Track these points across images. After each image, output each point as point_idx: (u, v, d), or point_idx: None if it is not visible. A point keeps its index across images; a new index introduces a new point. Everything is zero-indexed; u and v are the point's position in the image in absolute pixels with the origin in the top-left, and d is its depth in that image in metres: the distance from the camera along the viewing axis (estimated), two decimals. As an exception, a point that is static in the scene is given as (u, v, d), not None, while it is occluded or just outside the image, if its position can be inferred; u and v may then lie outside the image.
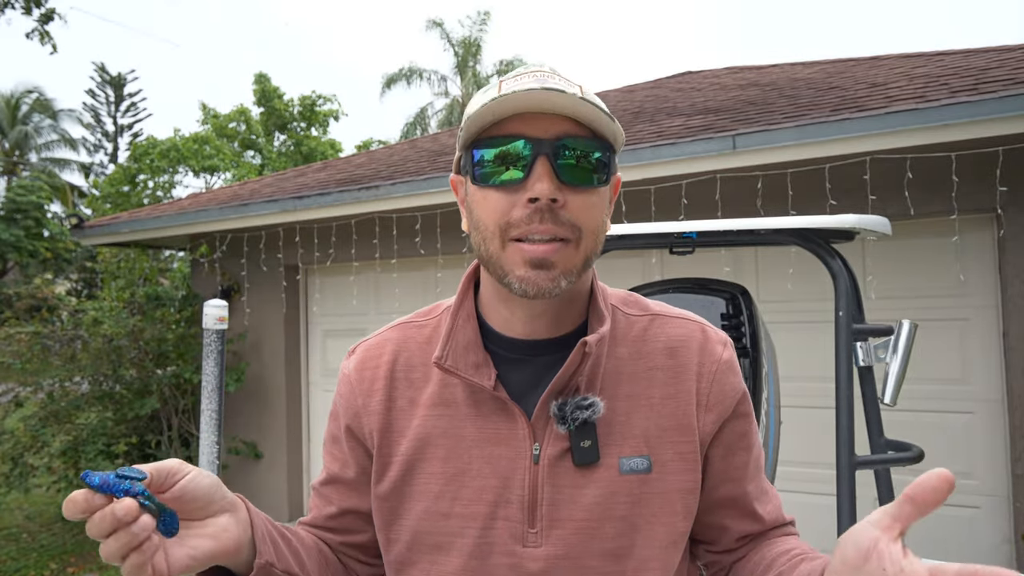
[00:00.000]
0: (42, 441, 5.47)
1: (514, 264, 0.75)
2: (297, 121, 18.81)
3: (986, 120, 3.19)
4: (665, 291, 2.28)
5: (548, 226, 0.74)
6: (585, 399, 0.79)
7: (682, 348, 0.86)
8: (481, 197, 0.78)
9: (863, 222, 2.04)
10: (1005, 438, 3.66)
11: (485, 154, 0.76)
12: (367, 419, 0.87)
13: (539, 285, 0.75)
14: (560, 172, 0.74)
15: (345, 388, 0.91)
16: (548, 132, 0.75)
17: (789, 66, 6.44)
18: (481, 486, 0.81)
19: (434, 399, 0.85)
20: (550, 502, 0.80)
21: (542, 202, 0.73)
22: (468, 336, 0.84)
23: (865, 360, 2.09)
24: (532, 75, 0.78)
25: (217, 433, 2.54)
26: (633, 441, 0.82)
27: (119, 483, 0.61)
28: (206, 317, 2.54)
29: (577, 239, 0.76)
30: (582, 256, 0.77)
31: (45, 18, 8.37)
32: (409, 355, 0.89)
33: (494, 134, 0.76)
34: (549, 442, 0.81)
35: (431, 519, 0.82)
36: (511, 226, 0.75)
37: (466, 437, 0.83)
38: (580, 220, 0.75)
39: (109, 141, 29.35)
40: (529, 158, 0.74)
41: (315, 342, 6.10)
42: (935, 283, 3.83)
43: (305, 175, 6.85)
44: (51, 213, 18.24)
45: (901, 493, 0.57)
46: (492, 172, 0.76)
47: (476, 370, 0.82)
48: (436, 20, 20.19)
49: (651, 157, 3.92)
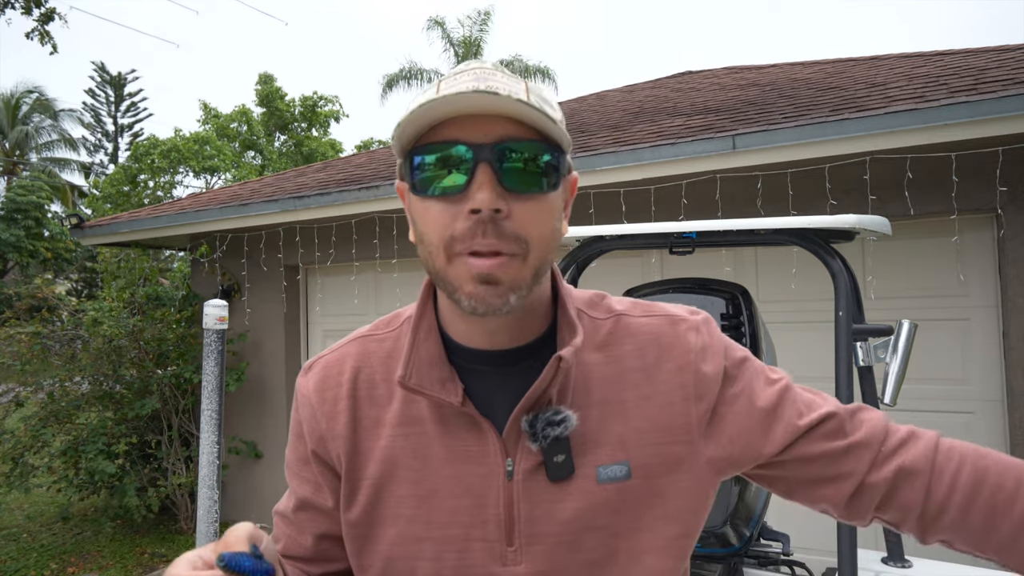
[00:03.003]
0: (42, 441, 5.47)
1: (462, 280, 0.71)
2: (298, 122, 18.82)
3: (986, 120, 3.20)
4: (665, 291, 2.28)
5: (491, 240, 0.69)
6: (557, 413, 0.76)
7: (651, 346, 0.82)
8: (423, 208, 0.73)
9: (863, 222, 2.04)
10: (1005, 438, 3.66)
11: (423, 161, 0.71)
12: (333, 444, 0.83)
13: (488, 303, 0.70)
14: (503, 178, 0.69)
15: (306, 411, 0.85)
16: (489, 135, 0.69)
17: (789, 66, 6.44)
18: (454, 507, 0.78)
19: (399, 418, 0.81)
20: (527, 518, 0.76)
21: (484, 213, 0.68)
22: (431, 351, 0.79)
23: (865, 360, 2.09)
24: (472, 73, 0.72)
25: (217, 433, 2.54)
26: (609, 448, 0.78)
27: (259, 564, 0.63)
28: (206, 317, 2.55)
29: (524, 252, 0.70)
30: (531, 269, 0.72)
31: (45, 18, 8.37)
32: (371, 371, 0.84)
33: (431, 140, 0.71)
34: (522, 457, 0.77)
35: (404, 544, 0.79)
36: (455, 240, 0.70)
37: (435, 456, 0.79)
38: (527, 231, 0.70)
39: (109, 141, 29.36)
40: (469, 165, 0.69)
41: (315, 342, 6.10)
42: (935, 283, 3.83)
43: (305, 175, 6.86)
44: (51, 213, 18.24)
45: None
46: (431, 181, 0.71)
47: (442, 386, 0.77)
48: (437, 20, 20.17)
49: (651, 157, 3.92)
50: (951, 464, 0.80)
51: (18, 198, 15.46)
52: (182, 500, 5.87)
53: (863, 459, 0.81)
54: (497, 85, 0.69)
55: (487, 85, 0.69)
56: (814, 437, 0.81)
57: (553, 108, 0.73)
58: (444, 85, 0.72)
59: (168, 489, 5.73)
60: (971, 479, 0.79)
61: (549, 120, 0.69)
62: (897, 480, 0.80)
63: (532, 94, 0.72)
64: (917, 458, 0.80)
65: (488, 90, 0.67)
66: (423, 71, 19.90)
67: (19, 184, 16.30)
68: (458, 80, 0.71)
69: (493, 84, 0.69)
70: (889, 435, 0.83)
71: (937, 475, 0.80)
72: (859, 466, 0.81)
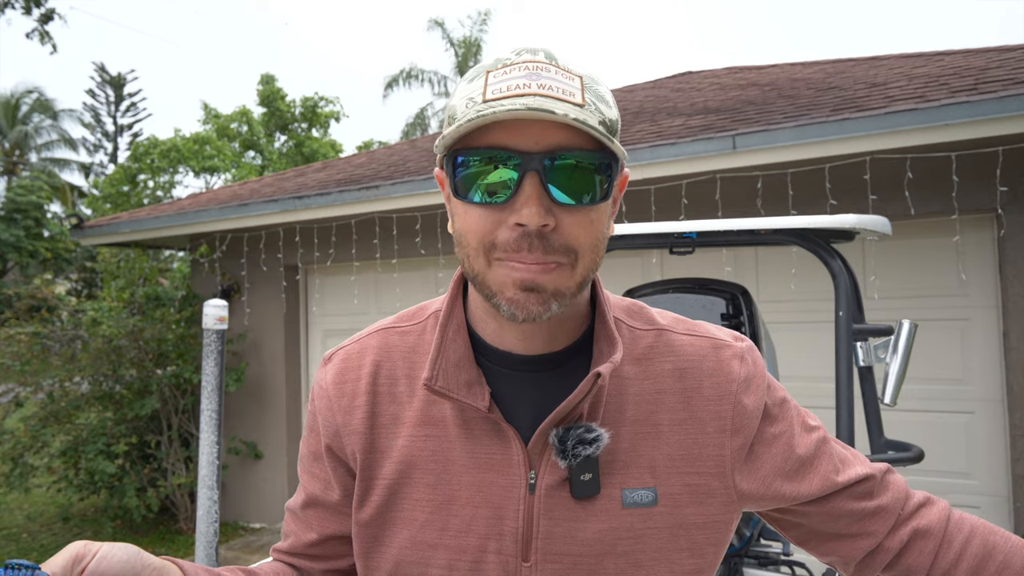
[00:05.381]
0: (42, 441, 5.47)
1: (502, 285, 0.68)
2: (298, 122, 18.83)
3: (986, 120, 3.20)
4: (665, 291, 2.28)
5: (537, 254, 0.65)
6: (589, 431, 0.72)
7: (692, 370, 0.78)
8: (463, 210, 0.69)
9: (863, 222, 2.04)
10: (1005, 438, 3.65)
11: (466, 164, 0.67)
12: (348, 439, 0.79)
13: (529, 310, 0.67)
14: (552, 192, 0.65)
15: (323, 403, 0.82)
16: (539, 143, 0.65)
17: (789, 66, 6.44)
18: (471, 516, 0.75)
19: (420, 417, 0.78)
20: (546, 535, 0.73)
21: (530, 228, 0.65)
22: (459, 351, 0.76)
23: (865, 360, 2.09)
24: (524, 68, 0.66)
25: (217, 433, 2.53)
26: (638, 472, 0.74)
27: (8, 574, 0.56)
28: (206, 317, 2.54)
29: (573, 261, 0.68)
30: (578, 278, 0.69)
31: (45, 18, 8.37)
32: (392, 366, 0.81)
33: (476, 143, 0.66)
34: (546, 471, 0.74)
35: (416, 549, 0.76)
36: (496, 247, 0.67)
37: (455, 461, 0.76)
38: (576, 242, 0.67)
39: (109, 141, 29.34)
40: (517, 175, 0.65)
41: (315, 342, 6.10)
42: (935, 283, 3.83)
43: (305, 175, 6.85)
44: (51, 213, 18.23)
45: None
46: (473, 187, 0.67)
47: (468, 389, 0.74)
48: (437, 20, 20.19)
49: (651, 157, 3.93)
50: (961, 534, 0.81)
51: (18, 198, 15.45)
52: (182, 500, 5.86)
53: (886, 522, 0.81)
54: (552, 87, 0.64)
55: (539, 85, 0.64)
56: (847, 495, 0.81)
57: (609, 105, 0.69)
58: (493, 81, 0.66)
59: (168, 489, 5.73)
60: (980, 551, 0.79)
61: (605, 132, 0.65)
62: (910, 542, 0.81)
63: (588, 92, 0.67)
64: (931, 523, 0.82)
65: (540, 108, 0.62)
66: (423, 71, 19.91)
67: (19, 184, 16.29)
68: (509, 75, 0.66)
69: (547, 83, 0.65)
70: (909, 498, 0.84)
71: (947, 542, 0.81)
72: (881, 528, 0.81)
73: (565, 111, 0.63)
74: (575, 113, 0.63)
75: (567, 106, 0.64)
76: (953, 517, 0.83)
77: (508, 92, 0.65)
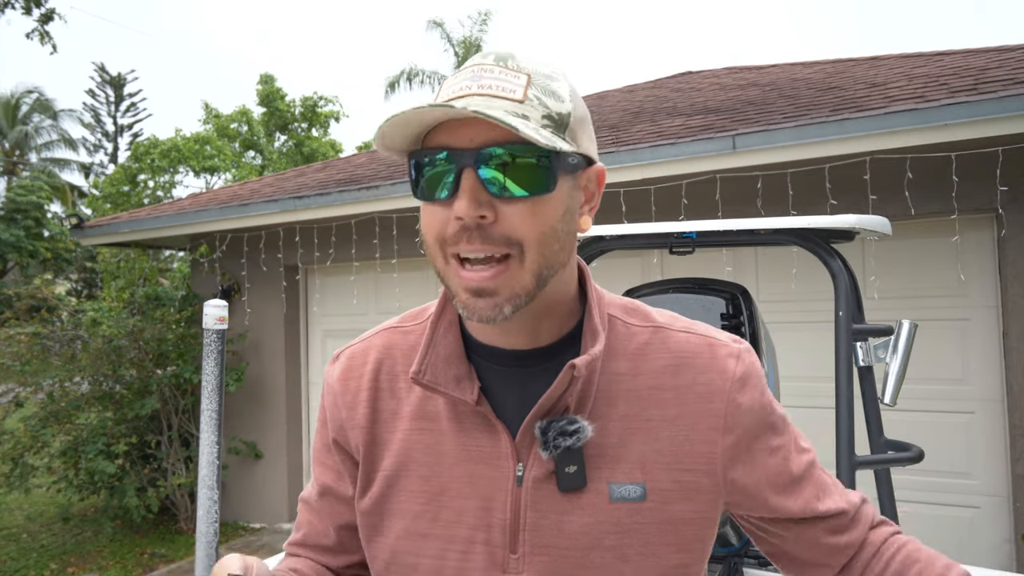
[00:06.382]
0: (42, 441, 5.47)
1: (457, 287, 0.71)
2: (298, 122, 18.83)
3: (986, 120, 3.20)
4: (665, 291, 2.28)
5: (477, 244, 0.68)
6: (571, 423, 0.73)
7: (686, 366, 0.78)
8: (423, 211, 0.74)
9: (863, 222, 2.04)
10: (1005, 438, 3.65)
11: (418, 165, 0.71)
12: (352, 433, 0.83)
13: (482, 314, 0.70)
14: (487, 185, 0.67)
15: (329, 399, 0.87)
16: (474, 140, 0.68)
17: (789, 66, 6.44)
18: (461, 507, 0.77)
19: (416, 412, 0.81)
20: (533, 527, 0.75)
21: (467, 221, 0.67)
22: (449, 347, 0.79)
23: (865, 360, 2.09)
24: (470, 71, 0.71)
25: (217, 433, 2.53)
26: (627, 466, 0.75)
27: None
28: (206, 317, 2.54)
29: (519, 253, 0.69)
30: (530, 273, 0.70)
31: (45, 18, 8.37)
32: (393, 364, 0.84)
33: (425, 146, 0.71)
34: (533, 463, 0.75)
35: (410, 539, 0.78)
36: (447, 243, 0.70)
37: (447, 454, 0.78)
38: (517, 232, 0.68)
39: (109, 141, 29.35)
40: (453, 172, 0.68)
41: (315, 342, 6.10)
42: (935, 283, 3.83)
43: (305, 175, 6.85)
44: (51, 213, 18.23)
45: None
46: (423, 186, 0.71)
47: (457, 384, 0.76)
48: (437, 20, 20.16)
49: (651, 157, 3.93)
50: (890, 550, 0.86)
51: (18, 198, 15.45)
52: (182, 500, 5.86)
53: (847, 555, 0.85)
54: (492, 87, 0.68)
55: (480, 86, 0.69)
56: (823, 527, 0.84)
57: (560, 99, 0.71)
58: (447, 84, 0.72)
59: (168, 489, 5.73)
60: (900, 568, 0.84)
61: (534, 126, 0.67)
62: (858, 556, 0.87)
63: (533, 88, 0.70)
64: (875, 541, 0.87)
65: (477, 109, 0.65)
66: (423, 71, 19.91)
67: (19, 184, 16.29)
68: (458, 79, 0.71)
69: (488, 83, 0.69)
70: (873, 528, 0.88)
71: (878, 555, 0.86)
72: (841, 560, 0.85)
73: (504, 108, 0.67)
74: (513, 109, 0.67)
75: (505, 103, 0.68)
76: (894, 539, 0.87)
77: (454, 95, 0.69)
